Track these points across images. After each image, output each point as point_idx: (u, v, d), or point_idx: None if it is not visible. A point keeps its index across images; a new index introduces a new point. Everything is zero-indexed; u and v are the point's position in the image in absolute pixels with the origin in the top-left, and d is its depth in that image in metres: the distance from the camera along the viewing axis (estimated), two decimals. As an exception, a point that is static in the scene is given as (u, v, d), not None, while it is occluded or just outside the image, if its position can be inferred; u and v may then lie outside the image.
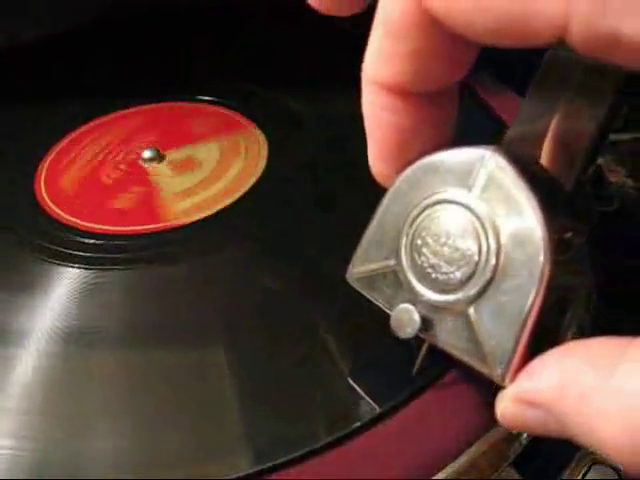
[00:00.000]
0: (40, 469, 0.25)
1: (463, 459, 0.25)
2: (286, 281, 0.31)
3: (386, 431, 0.25)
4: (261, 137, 0.38)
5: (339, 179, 0.36)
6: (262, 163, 0.37)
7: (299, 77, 0.43)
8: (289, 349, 0.28)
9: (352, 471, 0.25)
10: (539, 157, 0.26)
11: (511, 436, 0.27)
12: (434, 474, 0.25)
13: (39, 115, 0.42)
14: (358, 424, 0.25)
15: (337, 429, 0.25)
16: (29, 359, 0.28)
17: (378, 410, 0.26)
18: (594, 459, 0.29)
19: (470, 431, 0.26)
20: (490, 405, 0.26)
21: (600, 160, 0.40)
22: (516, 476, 0.27)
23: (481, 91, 0.41)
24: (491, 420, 0.26)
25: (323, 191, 0.35)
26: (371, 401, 0.26)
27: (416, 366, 0.26)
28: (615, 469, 0.29)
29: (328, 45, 0.46)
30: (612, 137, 0.39)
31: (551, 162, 0.26)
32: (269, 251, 0.32)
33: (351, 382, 0.27)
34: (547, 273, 0.22)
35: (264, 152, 0.37)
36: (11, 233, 0.34)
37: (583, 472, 0.29)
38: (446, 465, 0.25)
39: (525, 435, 0.27)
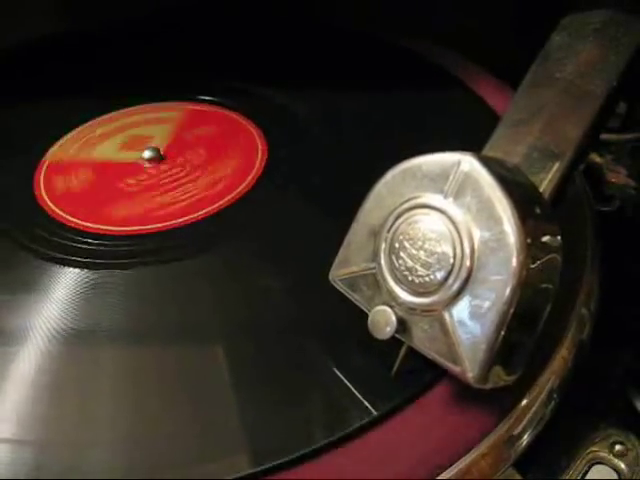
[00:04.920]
0: (40, 469, 0.25)
1: (464, 460, 0.25)
2: (286, 282, 0.31)
3: (386, 433, 0.26)
4: (261, 137, 0.38)
5: (339, 178, 0.35)
6: (261, 163, 0.37)
7: (299, 77, 0.43)
8: (289, 350, 0.28)
9: (352, 472, 0.25)
10: (521, 161, 0.26)
11: (512, 437, 0.27)
12: (435, 475, 0.25)
13: (39, 115, 0.42)
14: (358, 426, 0.25)
15: (336, 430, 0.25)
16: (29, 359, 0.28)
17: (378, 412, 0.26)
18: (594, 459, 0.29)
19: (471, 433, 0.26)
20: (491, 406, 0.26)
21: (600, 160, 0.40)
22: (517, 477, 0.27)
23: (480, 90, 0.41)
24: (492, 421, 0.26)
25: (323, 190, 0.35)
26: (371, 403, 0.26)
27: (395, 367, 0.26)
28: (615, 469, 0.29)
29: (328, 45, 0.46)
30: (612, 137, 0.39)
31: (532, 165, 0.27)
32: (269, 251, 0.32)
33: (350, 384, 0.27)
34: (520, 277, 0.22)
35: (263, 152, 0.37)
36: (11, 233, 0.34)
37: (583, 472, 0.29)
38: (447, 466, 0.25)
39: (526, 436, 0.27)
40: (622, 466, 0.29)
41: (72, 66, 0.47)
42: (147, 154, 0.37)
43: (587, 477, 0.29)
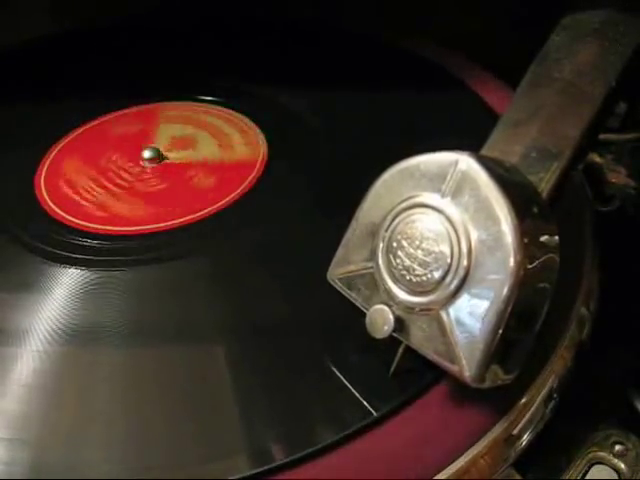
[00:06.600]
0: (40, 469, 0.25)
1: (463, 460, 0.25)
2: (286, 282, 0.31)
3: (386, 433, 0.26)
4: (261, 137, 0.38)
5: (338, 178, 0.35)
6: (262, 163, 0.37)
7: (300, 77, 0.43)
8: (290, 350, 0.28)
9: (352, 472, 0.25)
10: (519, 160, 0.26)
11: (512, 437, 0.27)
12: (435, 474, 0.25)
13: (39, 115, 0.43)
14: (358, 426, 0.25)
15: (337, 431, 0.25)
16: (29, 359, 0.28)
17: (378, 412, 0.26)
18: (594, 459, 0.29)
19: (471, 432, 0.26)
20: (490, 406, 0.26)
21: (600, 160, 0.40)
22: (517, 476, 0.27)
23: (481, 90, 0.41)
24: (492, 421, 0.26)
25: (323, 191, 0.35)
26: (371, 403, 0.26)
27: (393, 366, 0.26)
28: (615, 469, 0.29)
29: (329, 45, 0.47)
30: (612, 137, 0.39)
31: (530, 165, 0.27)
32: (269, 251, 0.32)
33: (351, 384, 0.27)
34: (517, 277, 0.23)
35: (264, 152, 0.37)
36: (11, 233, 0.34)
37: (583, 472, 0.29)
38: (447, 466, 0.25)
39: (526, 436, 0.27)
40: (622, 466, 0.29)
41: (72, 66, 0.47)
42: (147, 154, 0.37)
43: (587, 477, 0.29)
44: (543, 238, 0.24)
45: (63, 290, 0.31)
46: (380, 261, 0.26)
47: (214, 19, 0.50)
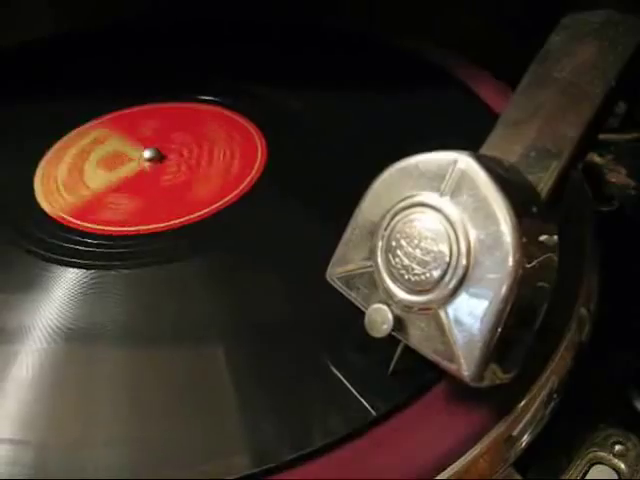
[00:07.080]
0: (40, 469, 0.25)
1: (463, 460, 0.25)
2: (285, 282, 0.31)
3: (386, 433, 0.25)
4: (261, 137, 0.38)
5: (338, 178, 0.35)
6: (261, 163, 0.37)
7: (300, 77, 0.43)
8: (289, 350, 0.28)
9: (352, 472, 0.25)
10: (518, 160, 0.26)
11: (512, 437, 0.27)
12: (435, 475, 0.25)
13: (39, 115, 0.42)
14: (358, 426, 0.25)
15: (337, 431, 0.25)
16: (29, 359, 0.29)
17: (377, 411, 0.26)
18: (594, 459, 0.29)
19: (471, 432, 0.26)
20: (491, 406, 0.26)
21: (600, 160, 0.40)
22: (517, 476, 0.27)
23: (480, 90, 0.41)
24: (492, 421, 0.26)
25: (322, 191, 0.35)
26: (371, 403, 0.26)
27: (392, 366, 0.26)
28: (615, 469, 0.29)
29: (329, 46, 0.47)
30: (612, 137, 0.39)
31: (529, 165, 0.27)
32: (268, 252, 0.32)
33: (350, 383, 0.27)
34: (516, 276, 0.23)
35: (263, 152, 0.37)
36: (11, 234, 0.34)
37: (583, 472, 0.29)
38: (447, 466, 0.25)
39: (526, 436, 0.27)
40: (622, 466, 0.29)
41: (72, 66, 0.47)
42: (147, 154, 0.37)
43: (587, 477, 0.29)
44: (542, 238, 0.24)
45: (63, 290, 0.31)
46: (379, 260, 0.26)
47: (215, 20, 0.50)
